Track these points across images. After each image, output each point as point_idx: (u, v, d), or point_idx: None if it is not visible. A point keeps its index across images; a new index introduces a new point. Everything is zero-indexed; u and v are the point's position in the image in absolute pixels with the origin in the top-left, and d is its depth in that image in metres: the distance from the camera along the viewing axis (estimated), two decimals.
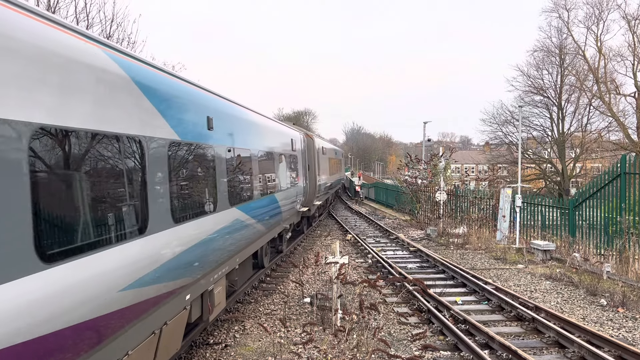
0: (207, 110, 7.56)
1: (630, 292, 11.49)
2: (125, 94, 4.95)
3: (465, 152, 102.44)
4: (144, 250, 5.15)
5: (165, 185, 5.79)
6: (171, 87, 6.35)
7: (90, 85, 4.32)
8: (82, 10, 17.44)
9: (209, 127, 7.53)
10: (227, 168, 8.34)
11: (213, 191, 7.62)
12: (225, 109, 8.82)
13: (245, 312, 10.63)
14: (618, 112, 42.64)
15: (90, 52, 4.45)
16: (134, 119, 5.10)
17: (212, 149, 7.63)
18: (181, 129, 6.39)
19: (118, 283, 4.57)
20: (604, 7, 43.23)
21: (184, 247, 6.20)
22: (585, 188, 17.70)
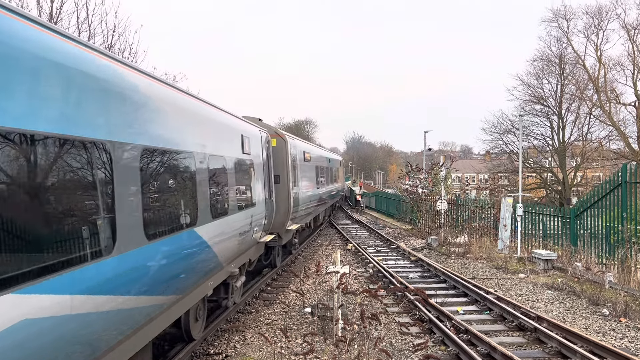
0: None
1: (632, 302, 11.43)
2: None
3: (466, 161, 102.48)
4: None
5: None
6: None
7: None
8: (84, 20, 17.55)
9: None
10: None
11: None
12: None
13: (246, 322, 10.58)
14: (618, 121, 42.70)
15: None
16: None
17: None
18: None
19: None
20: (604, 16, 43.47)
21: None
22: (587, 197, 17.68)
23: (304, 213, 18.13)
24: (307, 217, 19.56)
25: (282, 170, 15.01)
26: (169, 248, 6.18)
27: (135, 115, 5.61)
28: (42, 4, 16.70)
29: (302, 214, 17.90)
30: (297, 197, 16.30)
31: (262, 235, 12.23)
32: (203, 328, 8.97)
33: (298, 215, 16.73)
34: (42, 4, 16.70)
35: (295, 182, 16.00)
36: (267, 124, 15.20)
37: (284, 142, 15.42)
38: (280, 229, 14.61)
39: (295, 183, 16.09)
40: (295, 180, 16.16)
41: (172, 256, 6.29)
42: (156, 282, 5.85)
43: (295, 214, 16.08)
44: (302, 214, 17.86)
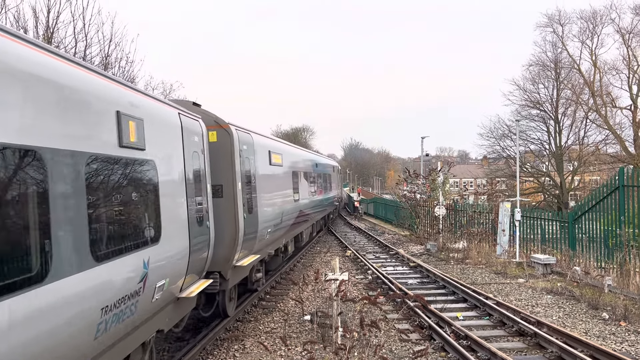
0: None
1: (632, 306, 11.42)
2: None
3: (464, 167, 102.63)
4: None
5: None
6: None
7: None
8: (81, 30, 17.58)
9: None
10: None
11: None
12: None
13: (245, 330, 10.54)
14: (615, 125, 42.89)
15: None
16: None
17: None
18: None
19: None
20: (598, 21, 43.77)
21: None
22: (584, 201, 17.71)
23: (270, 238, 12.80)
24: (277, 242, 14.11)
25: (225, 179, 9.88)
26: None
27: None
28: (38, 15, 16.75)
29: (268, 240, 12.62)
30: (254, 217, 11.01)
31: (187, 284, 7.73)
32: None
33: (259, 242, 11.55)
34: (38, 15, 16.75)
35: (250, 195, 10.88)
36: (207, 110, 10.04)
37: (229, 136, 9.98)
38: (223, 265, 9.75)
39: (251, 197, 10.92)
40: (252, 192, 11.02)
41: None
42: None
43: (250, 242, 10.84)
44: (268, 239, 12.56)
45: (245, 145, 10.77)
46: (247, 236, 10.42)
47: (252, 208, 10.81)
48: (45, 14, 16.85)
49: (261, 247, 12.11)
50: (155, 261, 6.17)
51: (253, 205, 10.97)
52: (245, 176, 10.60)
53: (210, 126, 9.74)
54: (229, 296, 10.64)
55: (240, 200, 10.05)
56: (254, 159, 11.53)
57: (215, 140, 9.85)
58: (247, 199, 10.54)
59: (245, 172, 10.62)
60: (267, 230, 12.20)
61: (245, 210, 10.25)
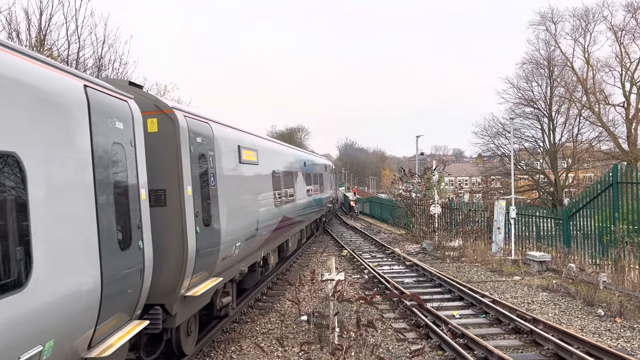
0: None
1: (627, 302, 11.48)
2: None
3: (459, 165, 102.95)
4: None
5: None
6: None
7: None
8: (74, 32, 17.49)
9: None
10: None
11: None
12: None
13: (242, 331, 10.52)
14: (608, 122, 43.08)
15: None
16: None
17: None
18: None
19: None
20: (590, 19, 43.92)
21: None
22: (579, 198, 17.79)
23: (241, 253, 10.13)
24: (252, 256, 11.52)
25: (170, 181, 7.50)
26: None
27: None
28: (30, 17, 16.66)
29: (237, 256, 9.93)
30: (214, 230, 8.51)
31: (103, 334, 5.54)
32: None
33: (223, 261, 8.98)
34: (30, 17, 16.66)
35: (209, 201, 8.40)
36: (146, 92, 7.98)
37: (173, 124, 7.55)
38: (167, 297, 7.35)
39: (210, 203, 8.44)
40: (212, 197, 8.52)
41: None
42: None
43: (209, 261, 8.34)
44: (238, 255, 9.92)
45: (201, 137, 8.30)
46: (203, 255, 7.90)
47: (211, 218, 8.30)
48: (38, 16, 16.77)
49: (227, 265, 9.41)
50: (17, 321, 3.92)
51: (213, 215, 8.42)
52: (201, 177, 8.09)
53: (149, 111, 7.37)
54: (186, 330, 8.37)
55: (190, 208, 7.50)
56: (215, 155, 8.87)
57: (155, 131, 7.43)
58: (203, 207, 8.00)
59: (201, 172, 8.15)
60: (235, 244, 9.52)
61: (199, 222, 7.75)
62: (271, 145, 14.87)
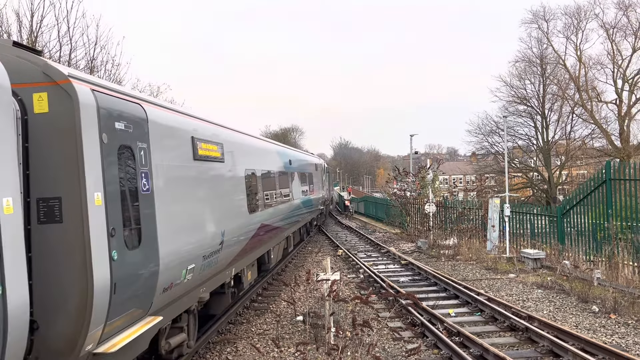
0: None
1: (621, 298, 11.54)
2: None
3: (453, 163, 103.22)
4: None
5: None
6: None
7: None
8: (65, 33, 17.40)
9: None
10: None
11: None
12: None
13: (238, 332, 10.50)
14: (600, 119, 43.34)
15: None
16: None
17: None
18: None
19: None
20: (582, 16, 44.17)
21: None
22: (572, 195, 17.87)
23: (196, 277, 7.78)
24: (217, 277, 9.17)
25: (67, 186, 5.11)
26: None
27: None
28: (22, 19, 16.56)
29: (191, 281, 7.62)
30: (148, 251, 6.27)
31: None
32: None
33: (165, 293, 6.71)
34: (22, 19, 16.56)
35: (138, 212, 6.17)
36: (36, 56, 5.32)
37: (71, 101, 5.07)
38: (64, 356, 5.05)
39: (141, 215, 6.20)
40: (143, 207, 6.27)
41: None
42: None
43: (140, 296, 6.10)
44: (191, 279, 7.58)
45: (125, 122, 5.95)
46: (128, 289, 5.65)
47: (141, 236, 6.05)
48: (29, 17, 16.68)
49: (175, 296, 7.09)
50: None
51: (145, 232, 6.14)
52: (123, 180, 5.86)
53: (36, 82, 5.06)
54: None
55: (100, 224, 5.23)
56: (150, 148, 6.44)
57: (45, 111, 5.05)
58: (127, 222, 5.81)
59: (124, 172, 5.90)
60: (186, 267, 7.11)
61: (117, 244, 5.50)
62: (243, 139, 11.54)
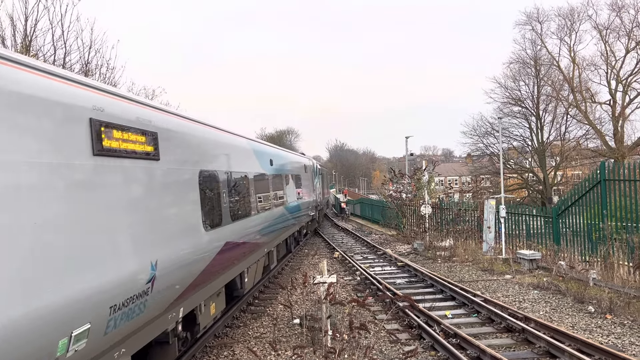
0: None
1: (616, 298, 11.58)
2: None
3: (448, 165, 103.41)
4: None
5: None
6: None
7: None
8: (60, 37, 17.32)
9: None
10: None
11: None
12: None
13: (234, 336, 10.47)
14: (595, 120, 43.55)
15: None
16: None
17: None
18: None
19: None
20: (576, 18, 44.44)
21: None
22: (567, 196, 17.93)
23: (85, 351, 4.66)
24: (138, 336, 6.09)
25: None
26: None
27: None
28: (16, 23, 16.49)
29: (75, 356, 4.49)
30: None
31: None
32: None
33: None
34: (16, 23, 16.49)
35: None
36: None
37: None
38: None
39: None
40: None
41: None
42: None
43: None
44: (75, 355, 4.48)
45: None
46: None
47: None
48: (23, 21, 16.59)
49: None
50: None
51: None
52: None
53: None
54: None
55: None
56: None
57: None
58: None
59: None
60: (68, 332, 4.38)
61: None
62: (195, 130, 8.27)
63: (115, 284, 5.08)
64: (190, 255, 7.19)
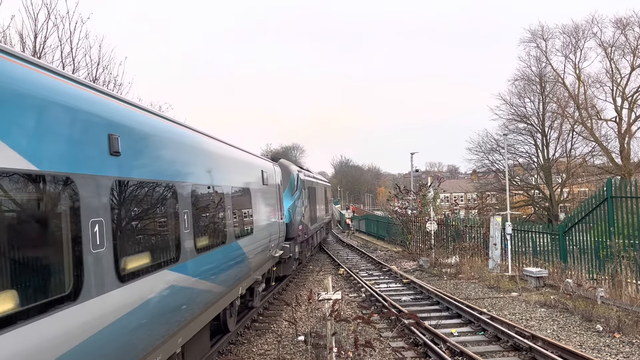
0: None
1: (625, 317, 11.44)
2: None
3: (454, 181, 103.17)
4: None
5: None
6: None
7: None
8: (68, 54, 17.54)
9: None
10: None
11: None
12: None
13: (239, 353, 10.39)
14: (601, 137, 43.47)
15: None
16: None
17: None
18: None
19: None
20: (580, 35, 44.59)
21: None
22: (574, 213, 17.83)
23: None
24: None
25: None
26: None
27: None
28: (25, 40, 16.73)
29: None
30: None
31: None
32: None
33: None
34: (25, 40, 16.73)
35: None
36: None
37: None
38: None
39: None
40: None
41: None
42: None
43: None
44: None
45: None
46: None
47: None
48: (32, 39, 16.83)
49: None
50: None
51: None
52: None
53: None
54: None
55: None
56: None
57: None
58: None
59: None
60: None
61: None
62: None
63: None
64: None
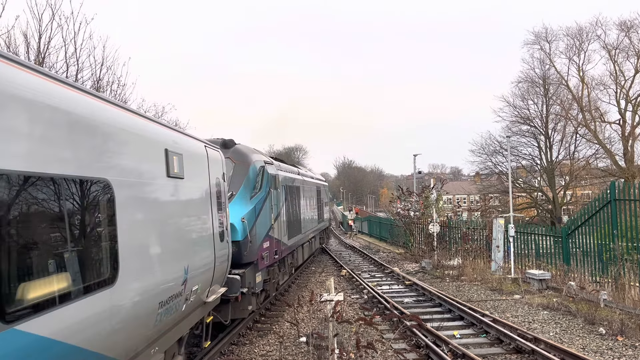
0: None
1: (628, 320, 11.40)
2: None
3: (457, 183, 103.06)
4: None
5: None
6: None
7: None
8: (72, 55, 17.59)
9: None
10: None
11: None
12: None
13: (240, 354, 10.39)
14: (604, 140, 43.29)
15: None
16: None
17: None
18: None
19: None
20: (584, 37, 44.43)
21: None
22: (577, 215, 17.77)
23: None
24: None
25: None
26: None
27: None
28: (29, 40, 16.78)
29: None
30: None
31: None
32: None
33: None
34: (29, 40, 16.78)
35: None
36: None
37: None
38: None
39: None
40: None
41: None
42: None
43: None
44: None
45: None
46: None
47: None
48: (37, 39, 16.87)
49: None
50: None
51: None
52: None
53: None
54: None
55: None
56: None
57: None
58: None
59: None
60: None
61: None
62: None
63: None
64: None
